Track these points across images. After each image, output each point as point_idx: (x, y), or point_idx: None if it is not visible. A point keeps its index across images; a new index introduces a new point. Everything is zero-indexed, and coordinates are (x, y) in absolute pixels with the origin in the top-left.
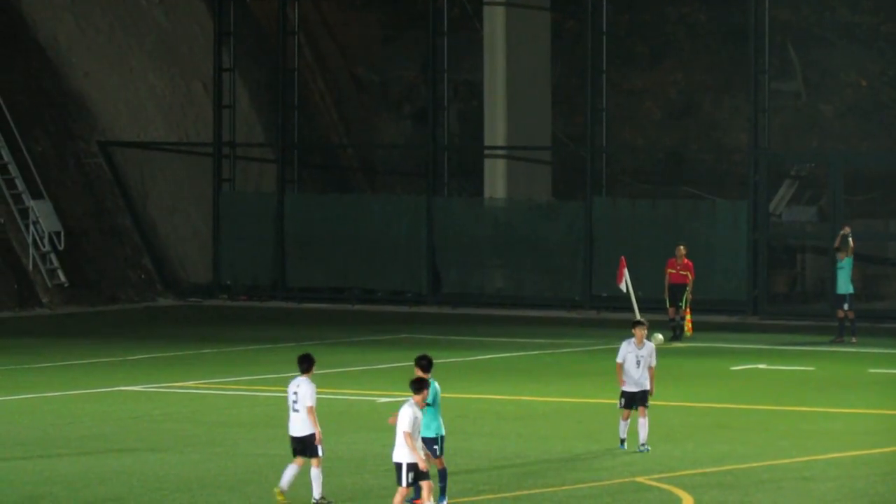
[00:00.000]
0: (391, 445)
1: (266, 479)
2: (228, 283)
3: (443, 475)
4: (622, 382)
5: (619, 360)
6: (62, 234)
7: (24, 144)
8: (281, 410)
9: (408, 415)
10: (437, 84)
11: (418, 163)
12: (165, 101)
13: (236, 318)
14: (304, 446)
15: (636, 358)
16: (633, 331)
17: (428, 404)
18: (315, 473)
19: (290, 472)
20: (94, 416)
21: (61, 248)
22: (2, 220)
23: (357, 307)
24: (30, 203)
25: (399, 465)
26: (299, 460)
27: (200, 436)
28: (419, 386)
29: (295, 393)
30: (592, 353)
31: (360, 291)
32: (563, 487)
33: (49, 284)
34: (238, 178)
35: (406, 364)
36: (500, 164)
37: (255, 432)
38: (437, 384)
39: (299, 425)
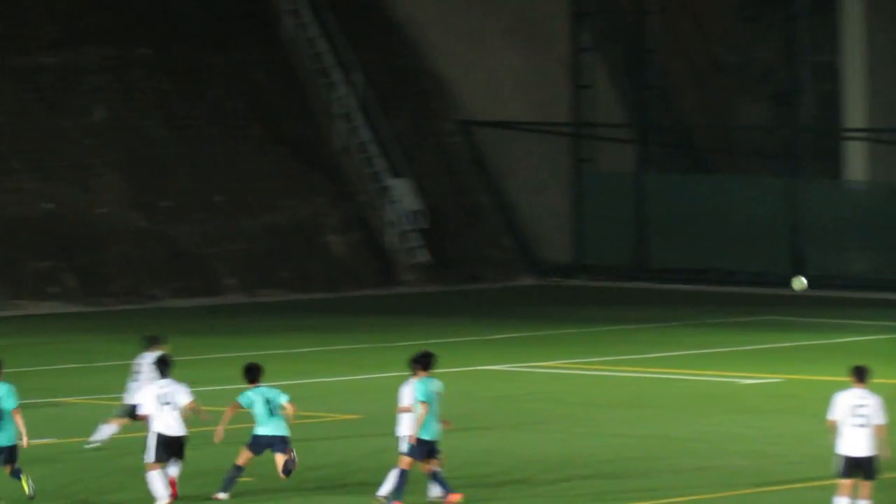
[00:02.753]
0: (756, 427)
1: (628, 460)
2: (590, 263)
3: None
4: None
5: None
6: (425, 212)
7: (384, 123)
8: (644, 389)
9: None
10: (795, 65)
11: (778, 144)
12: (523, 81)
13: (597, 299)
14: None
15: None
16: None
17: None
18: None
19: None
20: (456, 395)
21: (426, 226)
22: (362, 199)
23: (717, 288)
24: (389, 181)
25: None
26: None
27: (563, 415)
28: (860, 372)
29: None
30: None
31: (721, 273)
32: None
33: (409, 263)
34: (597, 158)
35: (776, 346)
36: (861, 147)
37: (618, 412)
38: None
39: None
